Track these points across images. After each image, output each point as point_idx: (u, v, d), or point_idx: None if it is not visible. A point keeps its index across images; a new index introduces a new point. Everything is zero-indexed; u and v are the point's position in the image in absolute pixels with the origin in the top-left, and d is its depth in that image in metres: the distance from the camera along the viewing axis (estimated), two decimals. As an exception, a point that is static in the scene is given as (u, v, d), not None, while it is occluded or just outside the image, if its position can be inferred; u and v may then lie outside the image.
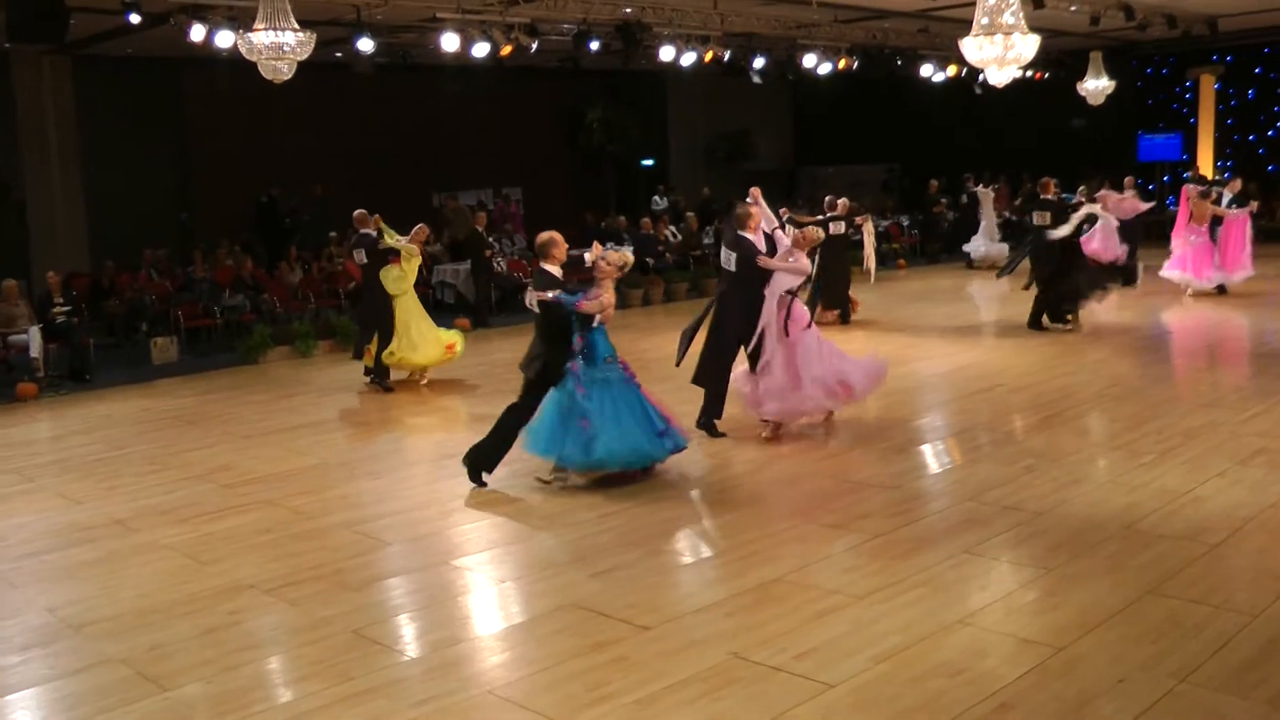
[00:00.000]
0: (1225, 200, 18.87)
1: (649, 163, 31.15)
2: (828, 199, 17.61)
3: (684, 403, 10.52)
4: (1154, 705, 5.17)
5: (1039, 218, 15.96)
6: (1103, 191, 19.07)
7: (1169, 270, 18.81)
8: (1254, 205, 19.95)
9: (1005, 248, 23.65)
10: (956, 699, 5.30)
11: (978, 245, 24.64)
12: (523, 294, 20.14)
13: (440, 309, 20.35)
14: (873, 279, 17.43)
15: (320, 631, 6.44)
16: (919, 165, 30.15)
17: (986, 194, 24.72)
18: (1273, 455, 9.22)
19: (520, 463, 9.87)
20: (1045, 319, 15.86)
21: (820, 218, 16.57)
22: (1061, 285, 15.69)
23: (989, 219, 24.64)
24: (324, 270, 20.51)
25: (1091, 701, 5.25)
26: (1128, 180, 21.05)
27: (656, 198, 28.12)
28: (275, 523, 8.59)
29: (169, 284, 19.16)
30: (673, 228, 24.20)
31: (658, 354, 15.40)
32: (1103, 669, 5.56)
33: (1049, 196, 16.14)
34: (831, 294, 16.84)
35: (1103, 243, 17.98)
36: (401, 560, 7.72)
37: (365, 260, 14.02)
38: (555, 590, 6.95)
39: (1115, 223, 17.95)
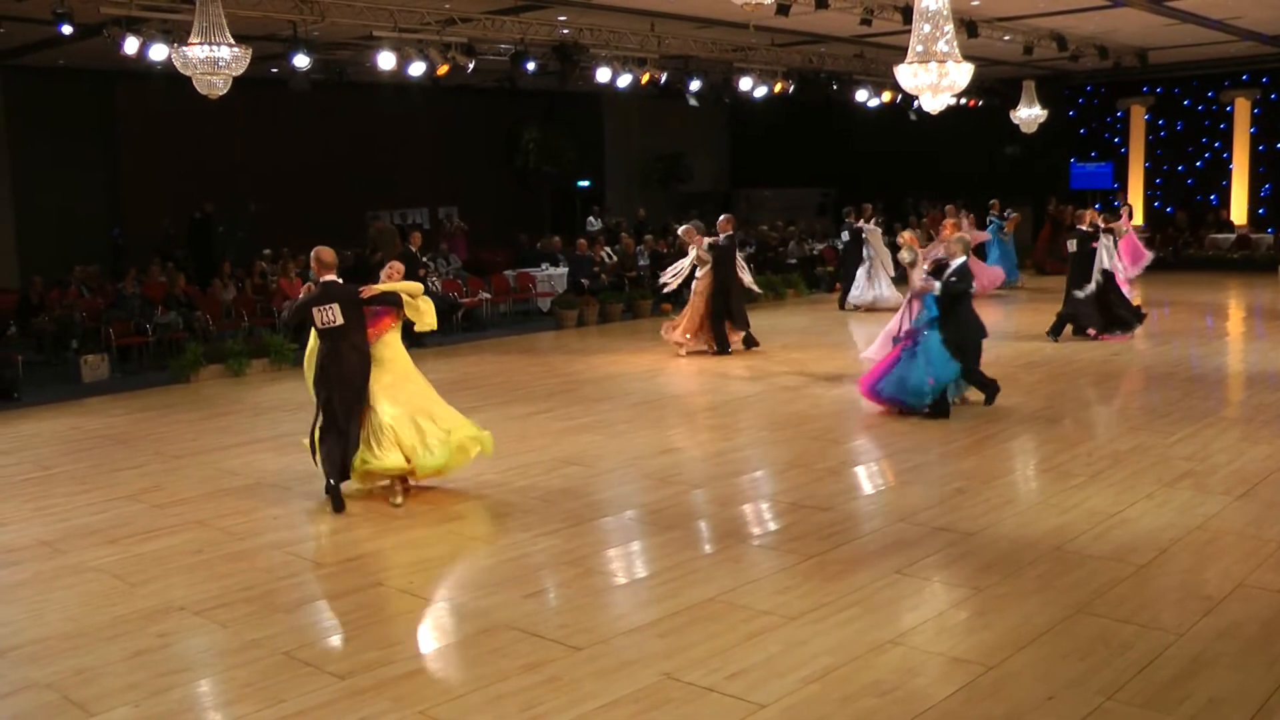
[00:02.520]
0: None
1: (585, 184, 31.22)
2: (721, 219, 17.60)
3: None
4: (1081, 724, 5.25)
5: (1070, 245, 16.82)
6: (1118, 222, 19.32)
7: None
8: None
9: (894, 295, 20.06)
10: (886, 718, 5.34)
11: (860, 291, 21.73)
12: (457, 314, 20.27)
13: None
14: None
15: (251, 654, 6.37)
16: (855, 189, 30.42)
17: (874, 231, 22.06)
18: (1199, 478, 9.38)
19: (456, 482, 9.85)
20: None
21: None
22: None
23: (878, 257, 21.67)
24: (257, 287, 20.33)
25: (1020, 719, 5.31)
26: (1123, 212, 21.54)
27: (592, 218, 28.18)
28: (206, 543, 8.50)
29: (100, 301, 18.92)
30: (608, 249, 24.26)
31: (593, 374, 15.43)
32: (1032, 687, 5.62)
33: (1084, 227, 16.60)
34: (740, 315, 17.13)
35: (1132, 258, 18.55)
36: (334, 581, 7.66)
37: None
38: (488, 610, 6.93)
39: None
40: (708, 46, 22.00)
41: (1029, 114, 25.62)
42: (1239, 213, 28.72)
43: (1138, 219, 22.63)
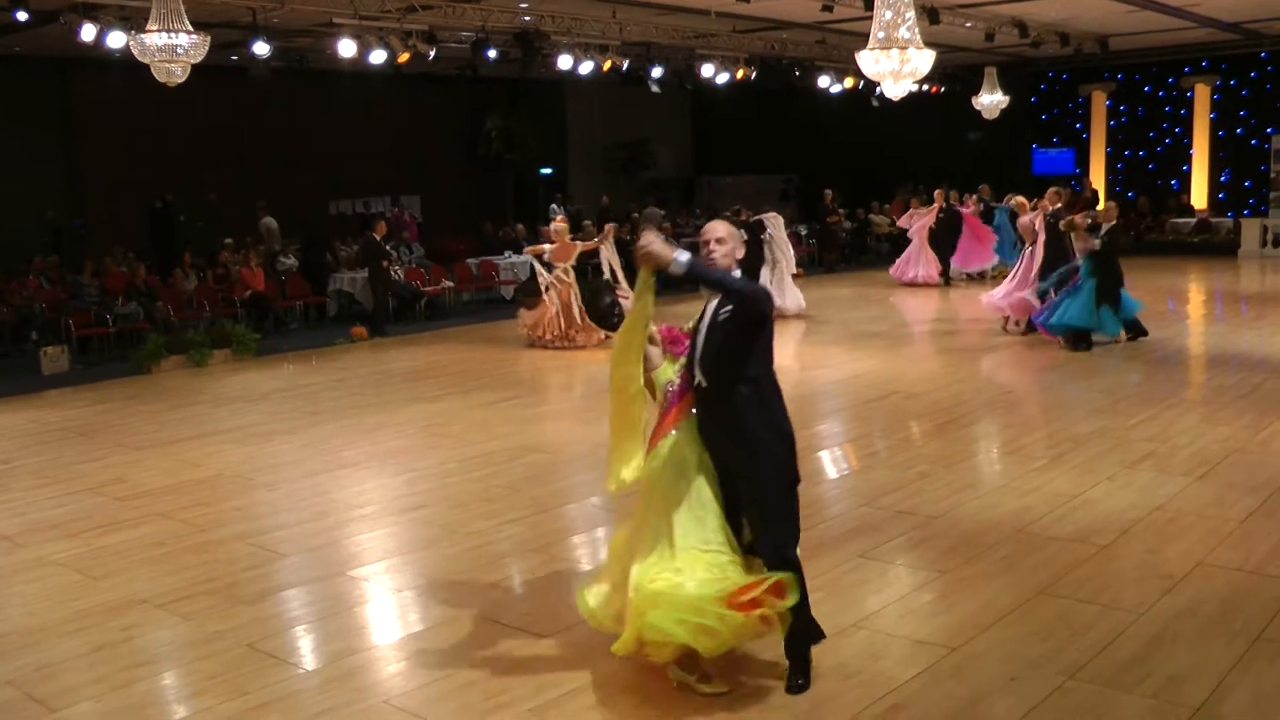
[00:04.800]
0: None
1: (547, 171, 31.16)
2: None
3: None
4: (1043, 702, 5.28)
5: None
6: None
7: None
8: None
9: (796, 304, 18.93)
10: (850, 700, 5.36)
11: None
12: (420, 303, 20.22)
13: (339, 318, 20.21)
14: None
15: (214, 646, 6.34)
16: (817, 175, 30.46)
17: (776, 220, 19.38)
18: (1160, 459, 9.45)
19: (416, 471, 9.84)
20: None
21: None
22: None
23: (783, 258, 19.09)
24: (219, 277, 20.21)
25: (983, 700, 5.34)
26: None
27: (555, 206, 28.13)
28: (168, 536, 8.44)
29: (60, 292, 18.76)
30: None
31: (557, 362, 15.42)
32: (995, 668, 5.66)
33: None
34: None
35: None
36: (297, 572, 7.62)
37: None
38: (452, 600, 6.92)
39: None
40: (669, 33, 21.98)
41: (991, 100, 25.71)
42: (1199, 197, 28.95)
43: (1101, 203, 22.65)
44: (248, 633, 6.50)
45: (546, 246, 16.86)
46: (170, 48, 13.79)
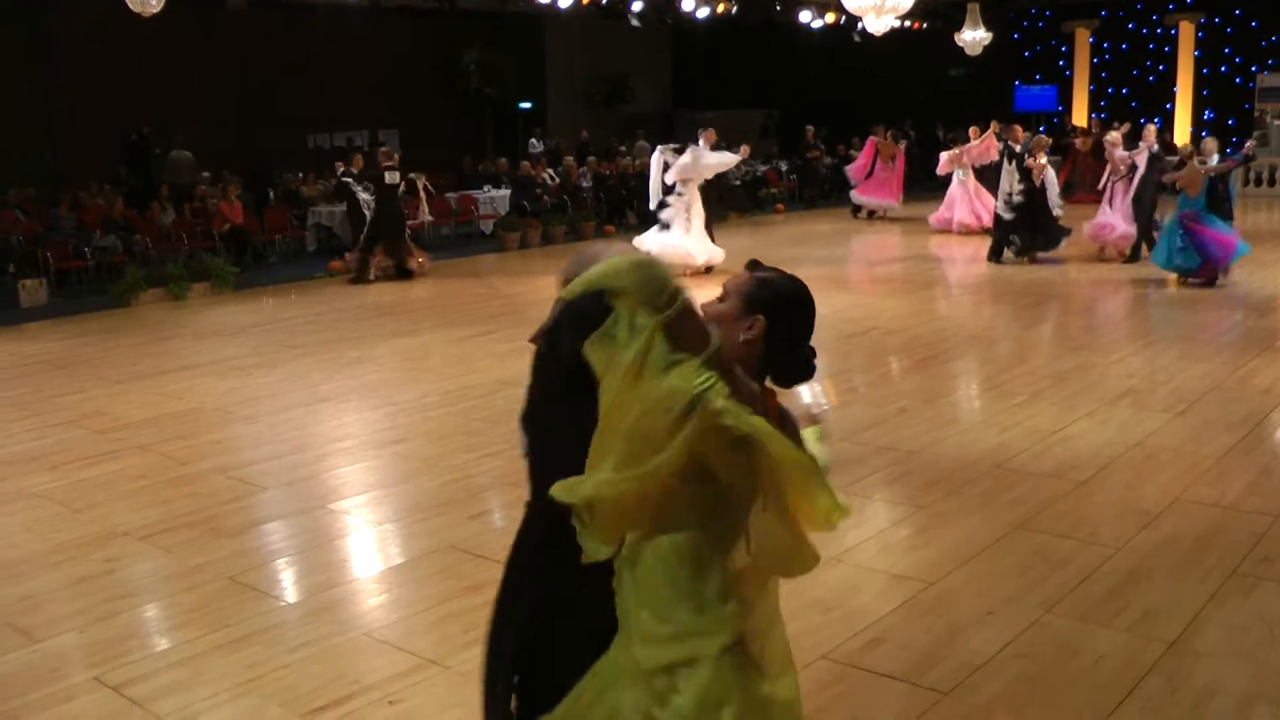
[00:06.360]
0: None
1: (527, 106, 30.94)
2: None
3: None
4: (1020, 635, 5.33)
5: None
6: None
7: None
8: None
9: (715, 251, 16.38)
10: (829, 634, 5.40)
11: (680, 240, 16.10)
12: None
13: (319, 252, 20.11)
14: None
15: (195, 578, 6.35)
16: (797, 111, 30.32)
17: (695, 162, 16.13)
18: (1139, 396, 9.50)
19: (395, 404, 9.84)
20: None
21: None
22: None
23: (694, 213, 16.34)
24: (197, 211, 20.05)
25: (960, 633, 5.39)
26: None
27: (534, 140, 27.98)
28: (149, 468, 8.43)
29: (37, 224, 18.59)
30: (550, 170, 24.11)
31: (535, 296, 15.36)
32: (972, 601, 5.71)
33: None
34: (391, 243, 17.50)
35: None
36: (277, 505, 7.63)
37: None
38: (433, 532, 6.94)
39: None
40: (651, -34, 21.81)
41: (973, 36, 25.59)
42: (1182, 135, 28.89)
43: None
44: (229, 565, 6.51)
45: None
46: (145, -23, 13.63)
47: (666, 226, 16.16)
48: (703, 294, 3.08)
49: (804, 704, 3.28)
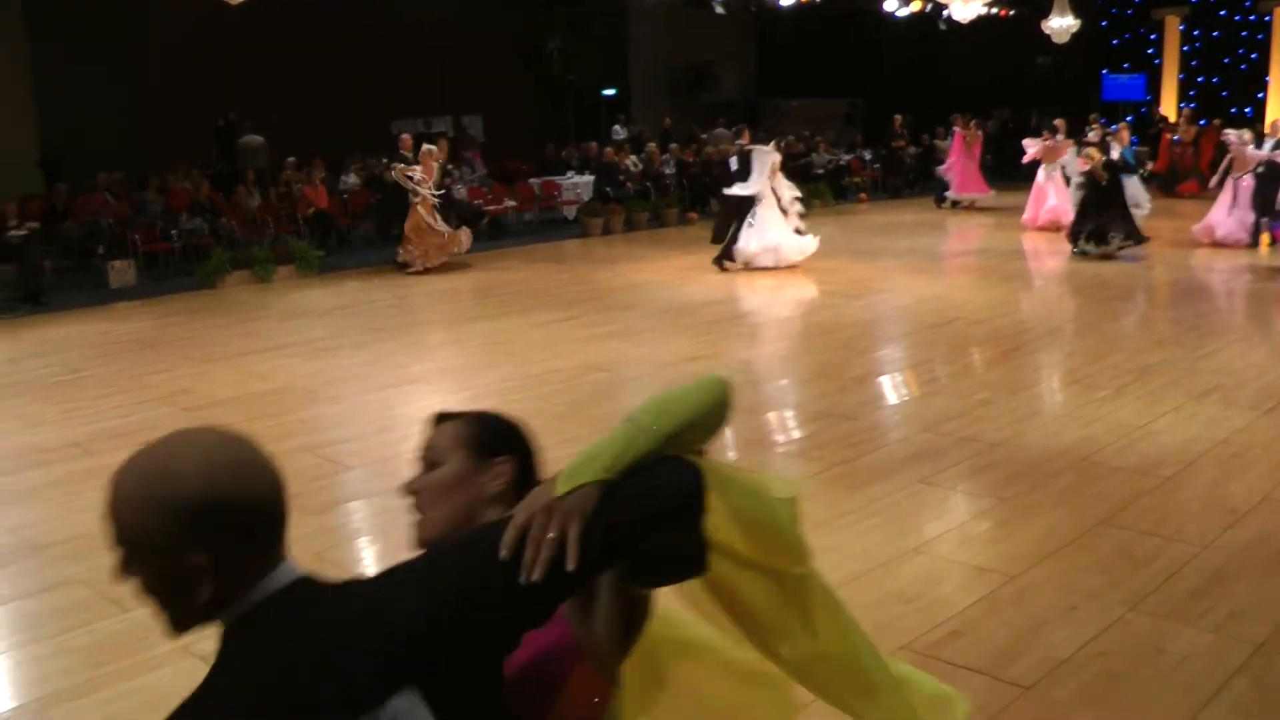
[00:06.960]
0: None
1: (610, 92, 30.96)
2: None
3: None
4: (1102, 633, 5.27)
5: None
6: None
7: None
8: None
9: (805, 242, 16.11)
10: (909, 625, 5.38)
11: (756, 237, 15.90)
12: (483, 221, 20.23)
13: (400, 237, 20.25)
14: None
15: (281, 554, 6.43)
16: (882, 100, 30.09)
17: (764, 153, 16.25)
18: (1226, 392, 9.35)
19: (477, 388, 9.91)
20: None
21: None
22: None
23: (770, 196, 16.18)
24: (282, 195, 20.31)
25: (1041, 628, 5.34)
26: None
27: (617, 127, 28.01)
28: (235, 446, 8.54)
29: (126, 206, 18.93)
30: (634, 157, 24.14)
31: (619, 282, 15.41)
32: (1053, 597, 5.66)
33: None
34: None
35: None
36: (362, 484, 7.72)
37: None
38: (515, 516, 6.97)
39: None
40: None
41: (1061, 24, 25.22)
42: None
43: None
44: (314, 542, 6.59)
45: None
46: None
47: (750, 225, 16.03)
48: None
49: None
